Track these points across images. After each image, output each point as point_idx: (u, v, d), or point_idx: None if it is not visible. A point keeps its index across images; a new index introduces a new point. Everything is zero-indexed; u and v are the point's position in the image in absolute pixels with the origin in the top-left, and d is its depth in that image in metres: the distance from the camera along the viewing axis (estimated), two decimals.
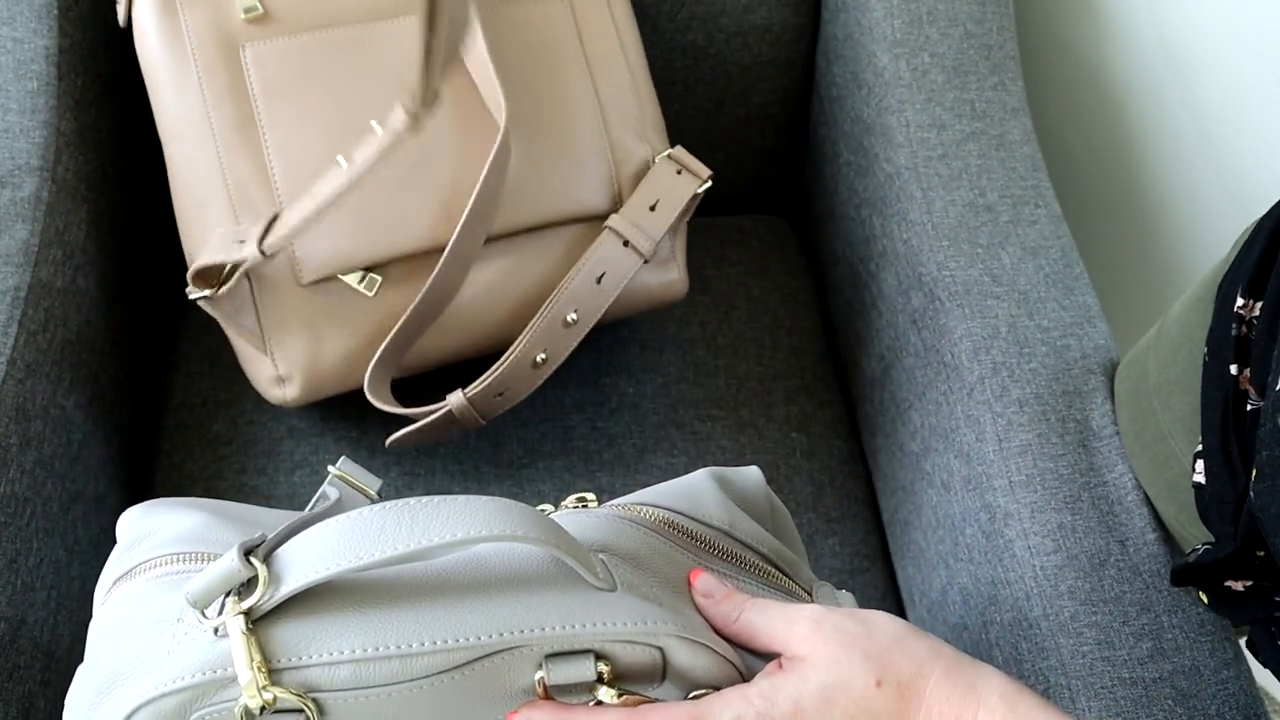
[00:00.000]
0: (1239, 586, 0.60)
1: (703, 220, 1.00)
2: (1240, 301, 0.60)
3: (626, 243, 0.77)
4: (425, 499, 0.47)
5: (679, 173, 0.79)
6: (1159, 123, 0.97)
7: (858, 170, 0.89)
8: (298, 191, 0.73)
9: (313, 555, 0.46)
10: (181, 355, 0.89)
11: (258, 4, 0.73)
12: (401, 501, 0.47)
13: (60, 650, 0.68)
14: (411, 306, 0.74)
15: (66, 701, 0.50)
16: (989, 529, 0.71)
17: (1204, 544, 0.62)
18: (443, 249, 0.74)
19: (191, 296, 0.72)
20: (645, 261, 0.78)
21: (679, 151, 0.80)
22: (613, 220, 0.77)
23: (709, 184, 0.79)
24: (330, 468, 0.56)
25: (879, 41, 0.86)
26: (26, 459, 0.68)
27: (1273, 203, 0.64)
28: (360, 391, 0.84)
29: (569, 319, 0.76)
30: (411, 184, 0.74)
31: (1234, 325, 0.60)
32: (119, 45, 0.88)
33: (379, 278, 0.74)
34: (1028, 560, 0.68)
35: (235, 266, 0.71)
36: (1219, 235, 0.97)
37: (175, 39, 0.73)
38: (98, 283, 0.80)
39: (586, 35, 0.78)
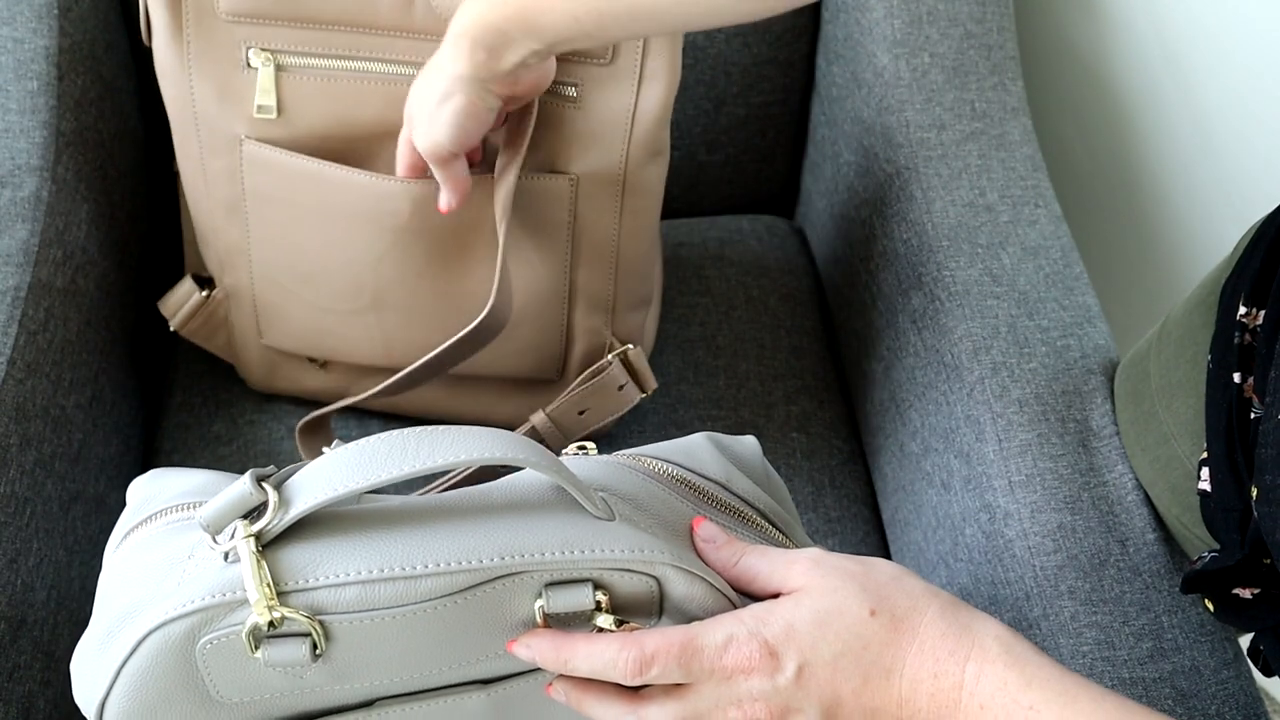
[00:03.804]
0: (1247, 594, 0.60)
1: (703, 220, 1.00)
2: (1243, 310, 0.60)
3: (542, 440, 0.78)
4: (430, 427, 0.48)
5: (621, 388, 0.77)
6: (1159, 123, 0.97)
7: (858, 170, 0.89)
8: (267, 279, 0.76)
9: (321, 479, 0.48)
10: (181, 355, 0.89)
11: (274, 105, 0.68)
12: (407, 429, 0.48)
13: (60, 650, 0.68)
14: (344, 402, 0.78)
15: (75, 651, 0.51)
16: (989, 529, 0.71)
17: (1210, 551, 0.62)
18: (385, 369, 0.78)
19: (172, 326, 0.81)
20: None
21: (635, 355, 0.77)
22: (535, 418, 0.77)
23: (646, 395, 0.78)
24: (325, 448, 0.57)
25: (879, 41, 0.86)
26: (26, 459, 0.68)
27: (1273, 203, 0.64)
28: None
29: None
30: (359, 321, 0.76)
31: (1237, 334, 0.60)
32: (119, 45, 0.88)
33: (325, 361, 0.82)
34: (1028, 560, 0.68)
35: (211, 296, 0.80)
36: (1219, 235, 0.97)
37: (185, 107, 0.70)
38: (98, 283, 0.80)
39: (581, 221, 0.72)
